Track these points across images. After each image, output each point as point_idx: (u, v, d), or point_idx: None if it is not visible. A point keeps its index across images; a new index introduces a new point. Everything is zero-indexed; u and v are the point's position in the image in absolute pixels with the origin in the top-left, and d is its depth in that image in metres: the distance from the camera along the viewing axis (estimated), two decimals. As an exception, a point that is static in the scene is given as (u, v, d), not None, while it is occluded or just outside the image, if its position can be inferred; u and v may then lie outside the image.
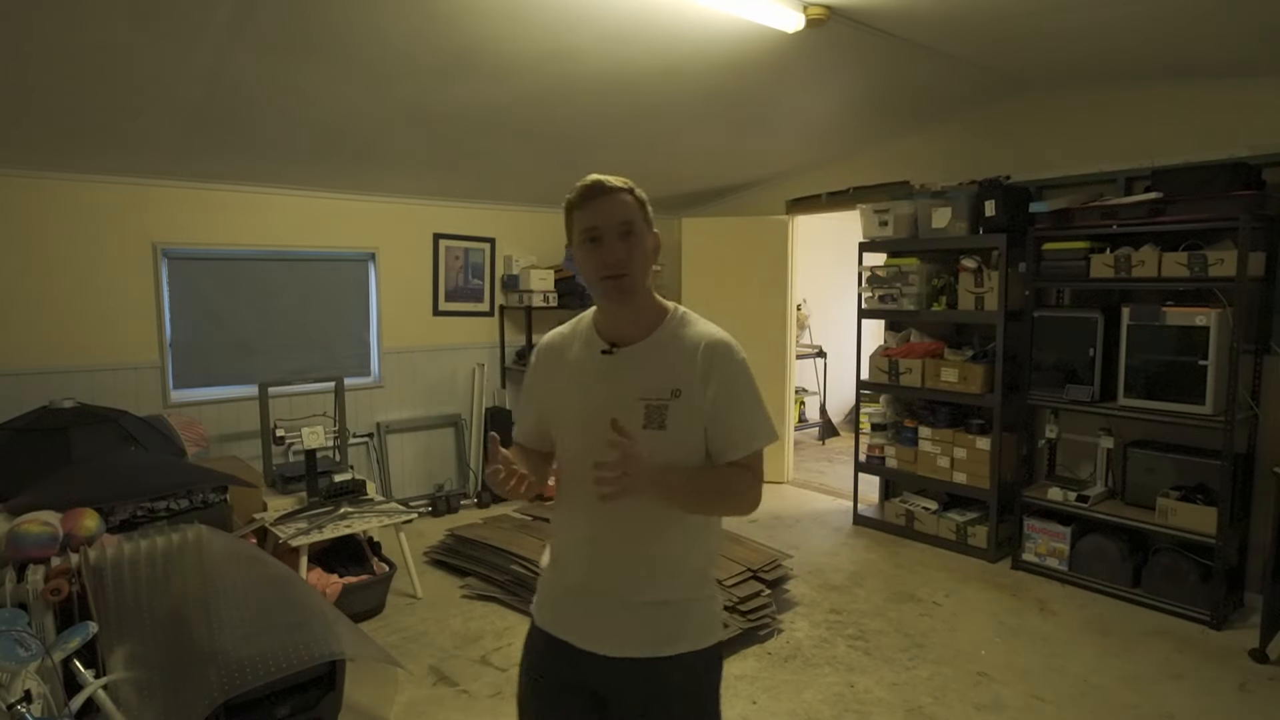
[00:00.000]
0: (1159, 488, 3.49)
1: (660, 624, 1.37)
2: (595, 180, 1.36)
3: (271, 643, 2.15)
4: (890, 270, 4.36)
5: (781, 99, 3.84)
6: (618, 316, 1.41)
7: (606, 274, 1.34)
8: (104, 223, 3.88)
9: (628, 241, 1.34)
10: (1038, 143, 4.07)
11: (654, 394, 1.36)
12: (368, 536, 3.67)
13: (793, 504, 5.14)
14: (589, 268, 1.36)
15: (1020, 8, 2.74)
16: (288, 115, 3.36)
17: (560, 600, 1.43)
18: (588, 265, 1.36)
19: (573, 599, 1.41)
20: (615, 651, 1.36)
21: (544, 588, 1.48)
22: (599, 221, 1.34)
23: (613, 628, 1.37)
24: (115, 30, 2.47)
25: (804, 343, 6.92)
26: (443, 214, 5.09)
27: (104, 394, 3.85)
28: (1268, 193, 3.23)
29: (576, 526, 1.41)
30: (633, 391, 1.36)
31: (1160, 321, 3.36)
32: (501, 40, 2.81)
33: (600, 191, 1.35)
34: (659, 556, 1.37)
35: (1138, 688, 2.80)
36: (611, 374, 1.39)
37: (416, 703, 2.75)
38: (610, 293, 1.36)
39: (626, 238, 1.34)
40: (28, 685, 1.82)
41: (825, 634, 3.23)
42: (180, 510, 2.87)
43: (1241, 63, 3.23)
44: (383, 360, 4.89)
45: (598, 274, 1.35)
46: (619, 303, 1.38)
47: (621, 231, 1.34)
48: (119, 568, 2.24)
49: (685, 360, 1.38)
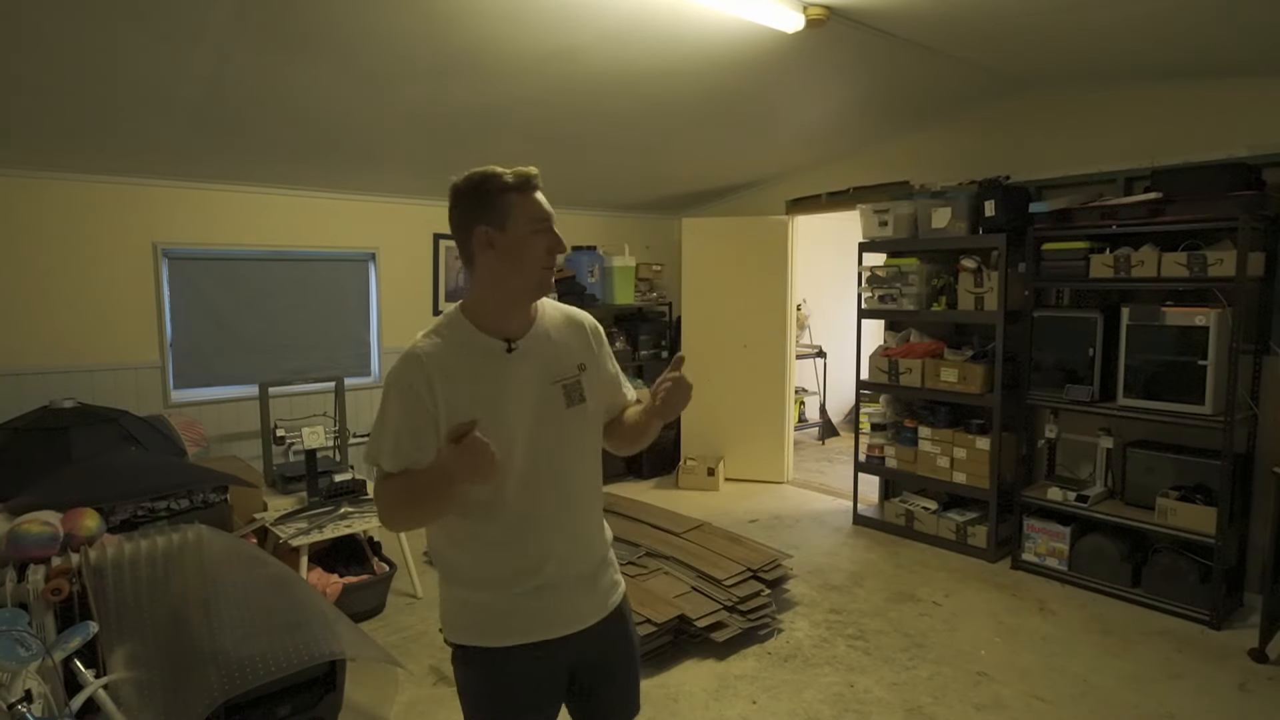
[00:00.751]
0: (1159, 488, 3.49)
1: (607, 579, 1.53)
2: (534, 170, 1.38)
3: (271, 643, 2.15)
4: (890, 270, 4.36)
5: (781, 99, 3.84)
6: (522, 312, 1.43)
7: (548, 265, 1.38)
8: (104, 223, 3.89)
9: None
10: (1038, 143, 4.07)
11: (565, 374, 1.44)
12: (368, 536, 3.67)
13: (793, 504, 5.14)
14: (535, 257, 1.36)
15: (1020, 8, 2.74)
16: (288, 115, 3.36)
17: (530, 604, 1.41)
18: (534, 254, 1.36)
19: (549, 594, 1.42)
20: (588, 621, 1.46)
21: (498, 604, 1.40)
22: (548, 214, 1.38)
23: (584, 602, 1.47)
24: (115, 30, 2.47)
25: (804, 343, 6.92)
26: (443, 214, 4.92)
27: (104, 394, 3.85)
28: (1268, 193, 3.22)
29: (534, 528, 1.40)
30: (546, 378, 1.42)
31: (1160, 321, 3.36)
32: (501, 40, 2.81)
33: (539, 184, 1.38)
34: (596, 519, 1.53)
35: (1138, 688, 2.80)
36: (520, 369, 1.40)
37: (417, 703, 2.75)
38: (545, 285, 1.40)
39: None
40: (28, 685, 1.82)
41: (825, 634, 3.24)
42: (180, 510, 2.87)
43: (1241, 63, 3.23)
44: (383, 360, 4.89)
45: (542, 265, 1.37)
46: (542, 296, 1.43)
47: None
48: (119, 568, 2.24)
49: (576, 336, 1.49)
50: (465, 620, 1.43)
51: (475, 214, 1.36)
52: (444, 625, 1.48)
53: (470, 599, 1.42)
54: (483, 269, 1.37)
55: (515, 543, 1.40)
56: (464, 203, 1.38)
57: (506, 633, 1.40)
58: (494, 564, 1.40)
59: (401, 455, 1.34)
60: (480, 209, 1.35)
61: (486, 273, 1.37)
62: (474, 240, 1.36)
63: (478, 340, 1.39)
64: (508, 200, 1.34)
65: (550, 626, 1.42)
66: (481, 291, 1.40)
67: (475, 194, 1.36)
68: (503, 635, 1.40)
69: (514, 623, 1.40)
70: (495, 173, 1.35)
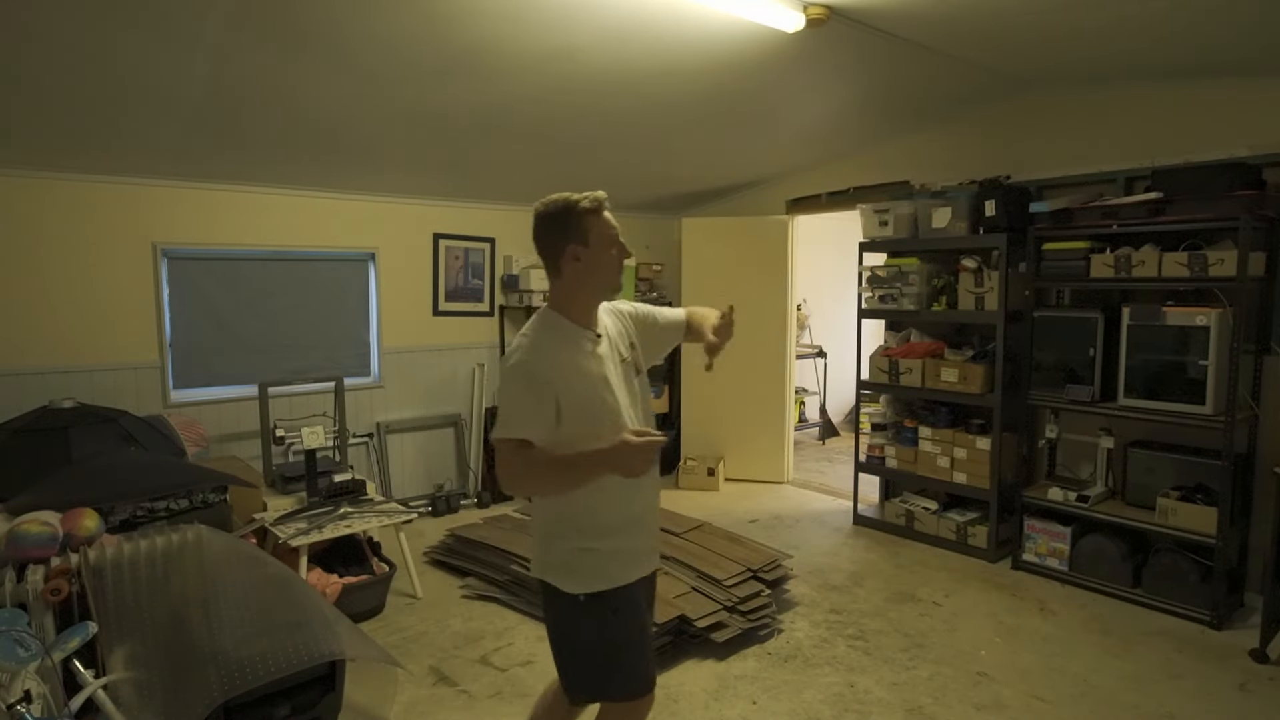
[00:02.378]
0: (1159, 488, 3.49)
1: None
2: (604, 195, 1.72)
3: (271, 643, 2.15)
4: (890, 270, 4.36)
5: (781, 99, 3.84)
6: (597, 308, 1.79)
7: (620, 270, 1.76)
8: (104, 223, 3.88)
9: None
10: (1038, 143, 4.06)
11: (625, 353, 1.83)
12: (368, 536, 3.67)
13: (793, 504, 5.14)
14: (613, 267, 1.74)
15: (1020, 8, 2.74)
16: (287, 115, 3.36)
17: (638, 551, 1.82)
18: (612, 265, 1.73)
19: (646, 548, 1.86)
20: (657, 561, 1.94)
21: (618, 553, 1.77)
22: (617, 228, 1.74)
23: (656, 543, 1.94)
24: (115, 30, 2.47)
25: (804, 343, 6.92)
26: (443, 214, 5.09)
27: (104, 394, 3.85)
28: (1268, 193, 3.22)
29: (636, 496, 1.78)
30: (617, 357, 1.79)
31: (1160, 321, 3.36)
32: (501, 40, 2.81)
33: (608, 205, 1.73)
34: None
35: (1138, 688, 2.80)
36: (605, 351, 1.77)
37: (416, 703, 2.75)
38: (618, 285, 1.77)
39: None
40: (28, 685, 1.82)
41: (825, 634, 3.23)
42: (180, 510, 2.87)
43: (1241, 63, 3.23)
44: (383, 360, 4.89)
45: (616, 270, 1.75)
46: (617, 294, 1.82)
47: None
48: (119, 568, 2.24)
49: (621, 322, 1.89)
50: (592, 571, 1.74)
51: (563, 234, 1.69)
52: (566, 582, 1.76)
53: (601, 548, 1.74)
54: (569, 276, 1.72)
55: (626, 497, 1.75)
56: (551, 226, 1.71)
57: (623, 571, 1.77)
58: (614, 515, 1.75)
59: (534, 429, 1.63)
60: (566, 230, 1.69)
61: (573, 279, 1.72)
62: (563, 256, 1.70)
63: (575, 332, 1.74)
64: (587, 221, 1.69)
65: (647, 568, 1.85)
66: (571, 293, 1.74)
67: (561, 218, 1.69)
68: (624, 573, 1.77)
69: (631, 563, 1.79)
70: (574, 200, 1.70)
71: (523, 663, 3.01)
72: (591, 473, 1.61)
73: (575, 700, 1.84)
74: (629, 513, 1.77)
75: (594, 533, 1.73)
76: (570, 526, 1.74)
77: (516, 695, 2.78)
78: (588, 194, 1.70)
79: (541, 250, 1.74)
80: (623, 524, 1.76)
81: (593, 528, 1.74)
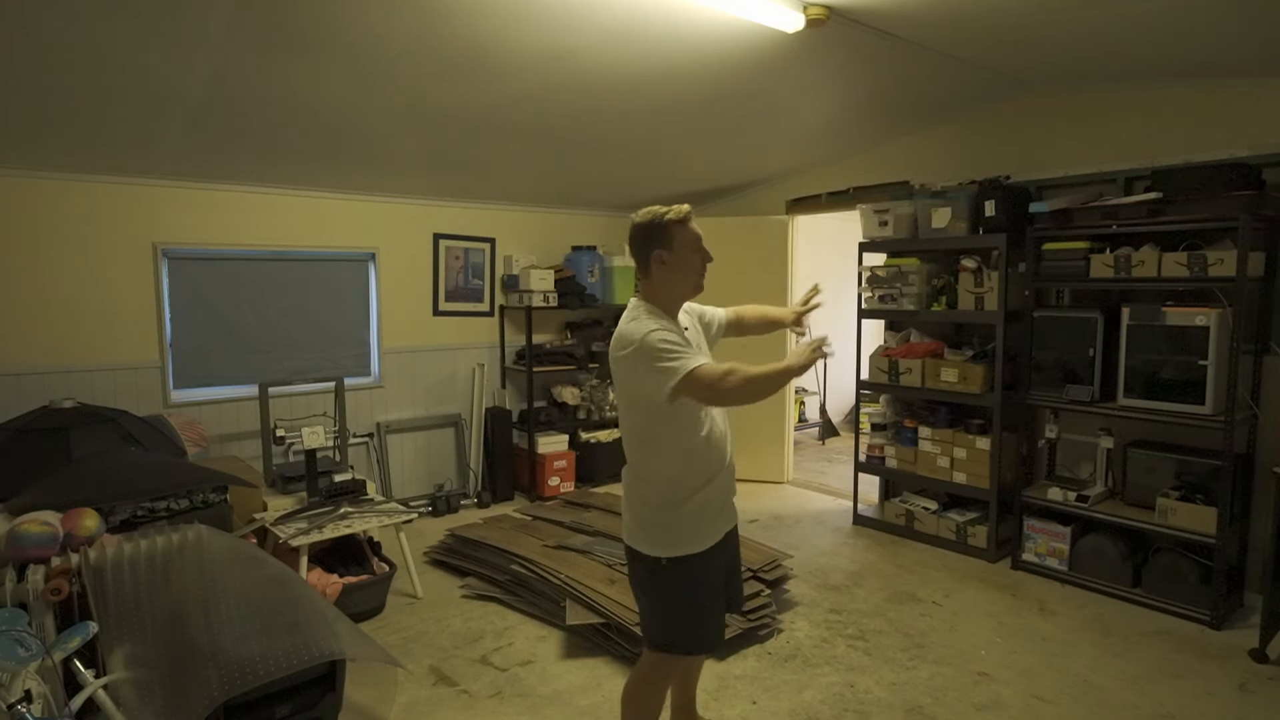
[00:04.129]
0: (1159, 488, 3.49)
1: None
2: (688, 208, 2.00)
3: (271, 643, 2.15)
4: (890, 270, 4.36)
5: (781, 99, 3.84)
6: (680, 308, 2.07)
7: (702, 273, 2.04)
8: (104, 223, 3.89)
9: None
10: (1038, 143, 4.07)
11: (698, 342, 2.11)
12: (368, 536, 3.67)
13: (793, 504, 5.14)
14: (698, 269, 2.02)
15: (1020, 8, 2.74)
16: (288, 115, 3.36)
17: (719, 513, 2.07)
18: (693, 266, 2.01)
19: (728, 508, 2.13)
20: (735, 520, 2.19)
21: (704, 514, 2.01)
22: (699, 236, 2.02)
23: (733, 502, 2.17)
24: (115, 30, 2.47)
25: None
26: (443, 214, 5.09)
27: (104, 394, 3.85)
28: (1268, 193, 3.22)
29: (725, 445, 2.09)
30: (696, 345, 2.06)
31: (1160, 321, 3.36)
32: (502, 41, 2.81)
33: (692, 216, 2.02)
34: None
35: (1138, 688, 2.80)
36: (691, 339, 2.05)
37: (416, 703, 2.75)
38: (699, 286, 2.05)
39: None
40: (28, 685, 1.82)
41: (825, 634, 3.23)
42: (180, 510, 2.87)
43: (1241, 63, 3.23)
44: (383, 360, 4.89)
45: (698, 272, 2.03)
46: (698, 294, 2.07)
47: None
48: (119, 568, 2.24)
49: (694, 317, 2.19)
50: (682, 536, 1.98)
51: (653, 241, 1.98)
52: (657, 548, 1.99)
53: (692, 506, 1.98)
54: (658, 278, 2.00)
55: (716, 455, 2.04)
56: (643, 234, 2.00)
57: (706, 534, 2.01)
58: (705, 472, 2.01)
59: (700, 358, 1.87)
60: (655, 238, 1.98)
61: (661, 280, 2.01)
62: (652, 259, 1.98)
63: (672, 325, 1.98)
64: (673, 230, 1.98)
65: (724, 523, 2.09)
66: (661, 291, 2.02)
67: (651, 228, 1.98)
68: (706, 536, 2.01)
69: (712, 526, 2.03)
70: (663, 212, 1.99)
71: (523, 663, 3.02)
72: (787, 374, 1.89)
73: (652, 647, 2.08)
74: (710, 470, 2.02)
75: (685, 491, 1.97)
76: (656, 491, 1.99)
77: (516, 695, 2.78)
78: (674, 206, 1.99)
79: (634, 254, 2.03)
80: (706, 481, 2.00)
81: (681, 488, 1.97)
